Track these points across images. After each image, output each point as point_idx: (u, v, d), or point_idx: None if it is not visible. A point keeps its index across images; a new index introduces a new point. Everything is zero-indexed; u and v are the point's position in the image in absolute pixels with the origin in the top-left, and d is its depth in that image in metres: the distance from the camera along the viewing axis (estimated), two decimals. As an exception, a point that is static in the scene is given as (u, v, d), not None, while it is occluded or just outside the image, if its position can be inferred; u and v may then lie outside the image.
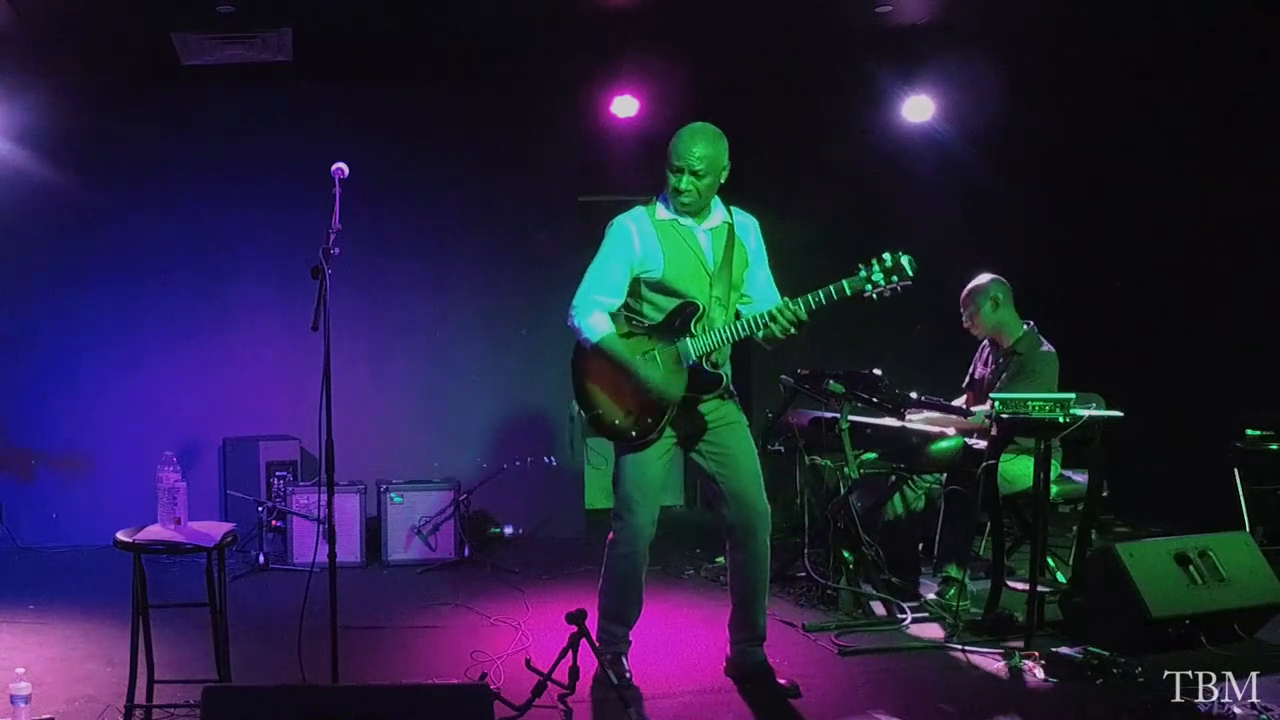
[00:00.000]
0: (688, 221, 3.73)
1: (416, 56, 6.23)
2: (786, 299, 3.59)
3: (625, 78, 6.50)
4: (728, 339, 3.68)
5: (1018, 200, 6.84)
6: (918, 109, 6.67)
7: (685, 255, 3.71)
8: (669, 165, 3.67)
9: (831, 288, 3.50)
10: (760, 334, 3.67)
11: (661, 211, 3.74)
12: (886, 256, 3.50)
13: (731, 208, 3.83)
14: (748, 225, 3.85)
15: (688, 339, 3.68)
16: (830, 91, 6.78)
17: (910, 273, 3.49)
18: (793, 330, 3.54)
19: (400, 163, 6.54)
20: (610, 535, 3.86)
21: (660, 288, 3.72)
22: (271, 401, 6.38)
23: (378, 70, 6.42)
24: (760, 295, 3.84)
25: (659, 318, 3.74)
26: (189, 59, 5.81)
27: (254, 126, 6.52)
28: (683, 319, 3.70)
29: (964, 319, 5.00)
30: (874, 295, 3.52)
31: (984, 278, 4.95)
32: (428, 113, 6.68)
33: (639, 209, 3.78)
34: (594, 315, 3.72)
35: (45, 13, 5.20)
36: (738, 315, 3.75)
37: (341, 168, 3.43)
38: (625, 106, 6.58)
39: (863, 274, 3.52)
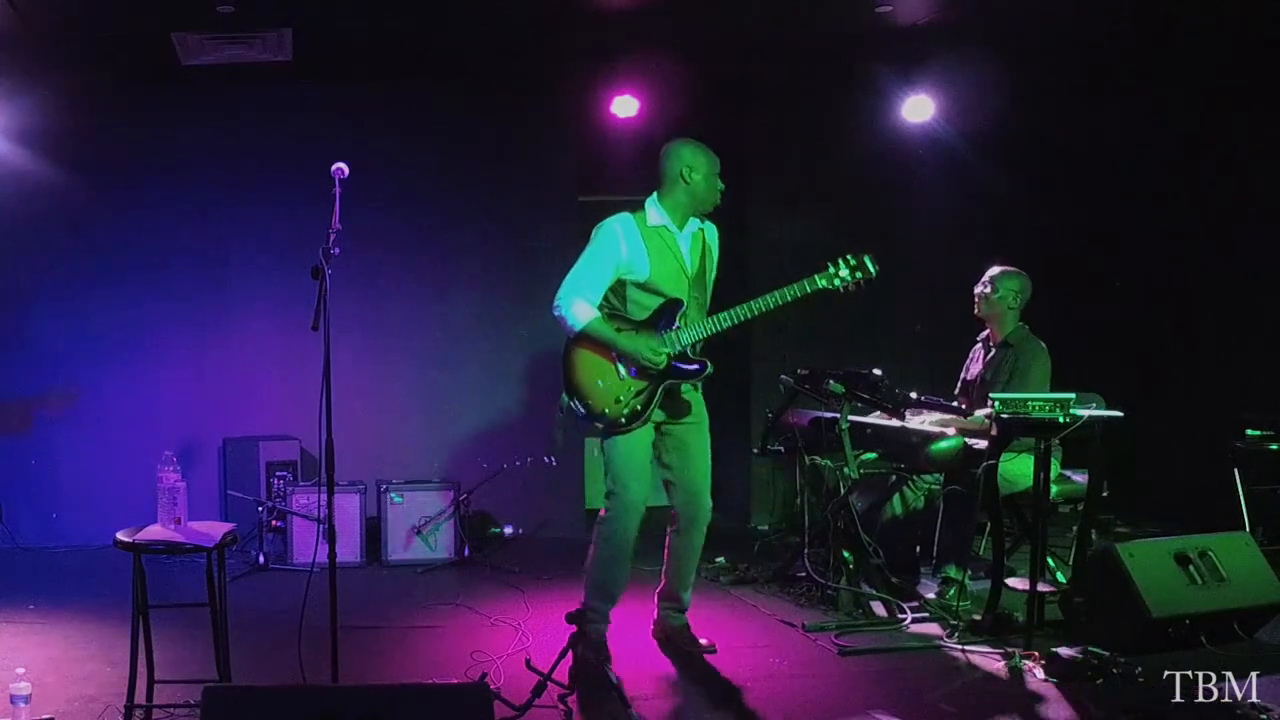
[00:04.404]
0: (672, 228, 4.01)
1: (417, 56, 6.23)
2: (759, 298, 3.93)
3: (625, 78, 6.49)
4: (709, 331, 3.98)
5: (1017, 200, 6.85)
6: (918, 109, 6.66)
7: (668, 259, 3.99)
8: (716, 171, 3.98)
9: (805, 283, 3.94)
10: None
11: (653, 218, 4.00)
12: (850, 257, 3.97)
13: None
14: (713, 231, 4.19)
15: (674, 331, 3.95)
16: (830, 91, 6.78)
17: (872, 270, 3.97)
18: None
19: (400, 163, 6.54)
20: (602, 512, 4.03)
21: (646, 288, 3.98)
22: (271, 401, 6.38)
23: (378, 70, 6.42)
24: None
25: (644, 316, 4.00)
26: (189, 59, 5.80)
27: (254, 127, 6.51)
28: (668, 315, 3.97)
29: (980, 289, 5.05)
30: (842, 290, 3.99)
31: (1014, 269, 5.04)
32: (428, 113, 6.67)
33: (626, 215, 4.02)
34: (577, 305, 3.95)
35: (45, 13, 5.19)
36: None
37: (341, 168, 3.45)
38: (625, 106, 6.57)
39: (830, 271, 3.99)
